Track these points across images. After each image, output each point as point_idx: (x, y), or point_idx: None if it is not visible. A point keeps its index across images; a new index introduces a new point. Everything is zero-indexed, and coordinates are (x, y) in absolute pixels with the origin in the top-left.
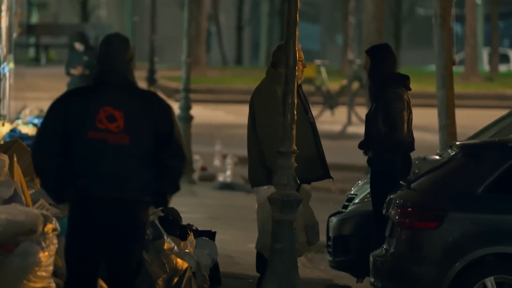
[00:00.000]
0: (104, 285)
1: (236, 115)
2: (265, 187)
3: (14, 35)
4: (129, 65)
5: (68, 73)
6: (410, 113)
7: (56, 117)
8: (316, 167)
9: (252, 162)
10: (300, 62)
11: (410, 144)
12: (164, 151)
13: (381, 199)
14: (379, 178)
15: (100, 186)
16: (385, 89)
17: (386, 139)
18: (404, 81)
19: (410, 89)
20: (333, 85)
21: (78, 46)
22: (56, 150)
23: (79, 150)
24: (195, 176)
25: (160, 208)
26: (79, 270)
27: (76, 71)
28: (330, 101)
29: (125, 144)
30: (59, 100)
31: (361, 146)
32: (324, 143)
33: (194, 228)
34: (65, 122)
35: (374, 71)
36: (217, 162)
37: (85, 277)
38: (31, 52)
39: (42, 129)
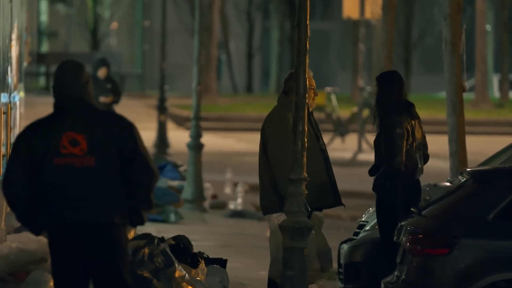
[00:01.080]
0: None
1: (247, 143)
2: (277, 214)
3: (25, 64)
4: (85, 88)
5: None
6: (413, 140)
7: (20, 150)
8: (327, 194)
9: (264, 189)
10: (312, 90)
11: (411, 172)
12: (131, 168)
13: (386, 225)
14: (382, 205)
15: (71, 210)
16: (387, 116)
17: (386, 165)
18: (408, 108)
19: (415, 117)
20: (344, 112)
21: (102, 74)
22: (25, 182)
23: (46, 178)
24: (206, 204)
25: (136, 228)
26: None
27: (108, 99)
28: (341, 129)
29: (91, 166)
30: (22, 133)
31: (370, 172)
32: (335, 170)
33: (205, 255)
34: (29, 153)
35: (379, 98)
36: (228, 190)
37: None
38: (42, 80)
39: (9, 164)
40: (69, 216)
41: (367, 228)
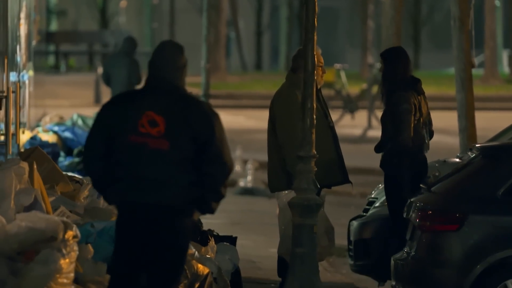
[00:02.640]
0: None
1: (256, 120)
2: (286, 192)
3: (33, 42)
4: (178, 73)
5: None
6: (420, 116)
7: (100, 120)
8: (335, 172)
9: (272, 167)
10: (320, 68)
11: (418, 148)
12: (203, 157)
13: (394, 202)
14: (390, 182)
15: (137, 190)
16: (394, 92)
17: (392, 142)
18: (414, 84)
19: (421, 93)
20: (353, 89)
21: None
22: (101, 152)
23: (118, 154)
24: None
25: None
26: (122, 275)
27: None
28: (350, 105)
29: (164, 149)
30: (105, 106)
31: (376, 149)
32: (345, 147)
33: (215, 233)
34: (109, 126)
35: (385, 74)
36: (237, 167)
37: (127, 284)
38: (51, 59)
39: (89, 133)
40: (133, 195)
41: (377, 204)
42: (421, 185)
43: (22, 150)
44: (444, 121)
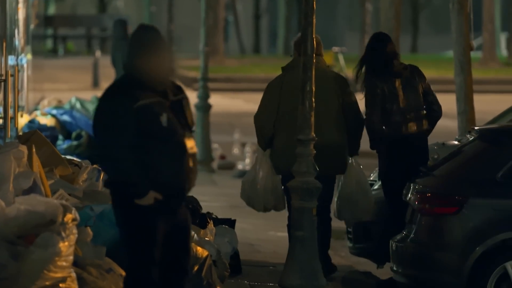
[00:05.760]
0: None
1: (255, 104)
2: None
3: (32, 26)
4: None
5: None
6: (393, 98)
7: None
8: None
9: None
10: None
11: (394, 129)
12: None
13: (386, 184)
14: (379, 164)
15: None
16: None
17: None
18: (387, 67)
19: (398, 76)
20: (351, 72)
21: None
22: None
23: None
24: (214, 164)
25: None
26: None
27: None
28: None
29: None
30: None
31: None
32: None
33: (214, 216)
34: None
35: (362, 58)
36: (236, 150)
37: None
38: (49, 43)
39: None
40: None
41: (375, 187)
42: (420, 168)
43: (20, 133)
44: (443, 104)
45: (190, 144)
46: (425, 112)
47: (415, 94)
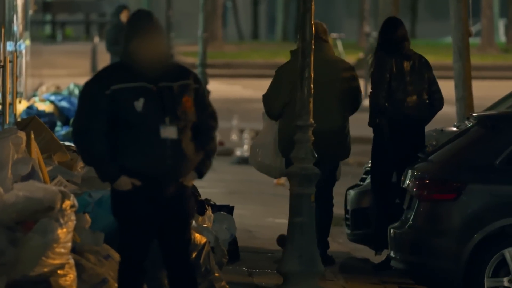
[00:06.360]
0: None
1: (253, 90)
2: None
3: (30, 12)
4: None
5: (115, 51)
6: (401, 79)
7: None
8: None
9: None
10: None
11: (395, 110)
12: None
13: (376, 163)
14: (373, 142)
15: None
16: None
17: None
18: (397, 47)
19: (409, 58)
20: (350, 58)
21: (125, 18)
22: None
23: None
24: None
25: None
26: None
27: None
28: None
29: None
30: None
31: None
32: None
33: (212, 202)
34: None
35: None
36: (234, 136)
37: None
38: (47, 29)
39: None
40: None
41: None
42: (418, 154)
43: (19, 119)
44: (442, 90)
45: (169, 131)
46: (427, 99)
47: (421, 80)
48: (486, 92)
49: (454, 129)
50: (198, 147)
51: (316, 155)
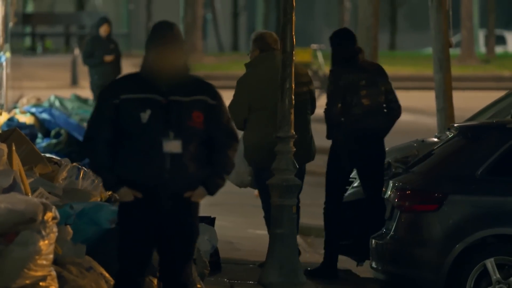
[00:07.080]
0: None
1: None
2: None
3: (10, 24)
4: None
5: (90, 63)
6: (355, 92)
7: None
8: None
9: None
10: None
11: (351, 123)
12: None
13: (330, 176)
14: (329, 154)
15: None
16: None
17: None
18: (351, 61)
19: (359, 69)
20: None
21: (104, 31)
22: None
23: None
24: None
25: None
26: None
27: (110, 57)
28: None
29: None
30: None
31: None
32: (321, 126)
33: None
34: None
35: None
36: None
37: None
38: (27, 41)
39: None
40: None
41: (355, 184)
42: (399, 166)
43: (0, 131)
44: (422, 101)
45: (172, 145)
46: (385, 109)
47: (377, 91)
48: (467, 103)
49: (435, 140)
50: (206, 163)
51: (297, 166)
